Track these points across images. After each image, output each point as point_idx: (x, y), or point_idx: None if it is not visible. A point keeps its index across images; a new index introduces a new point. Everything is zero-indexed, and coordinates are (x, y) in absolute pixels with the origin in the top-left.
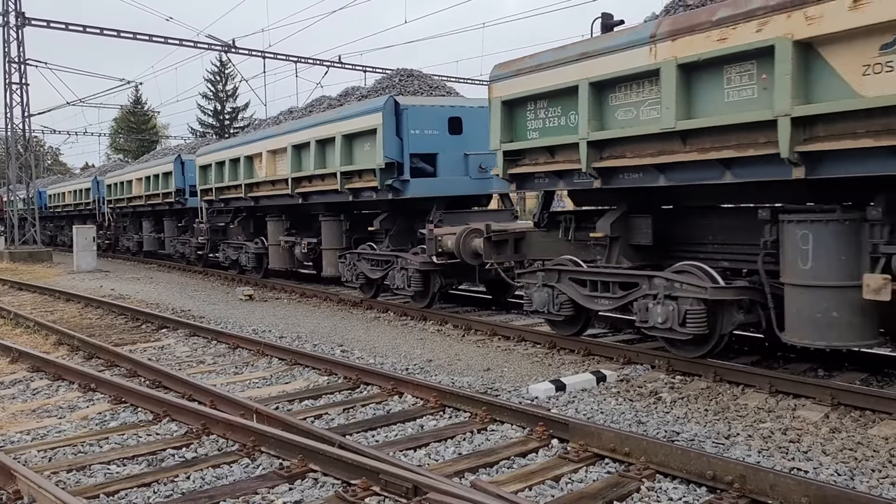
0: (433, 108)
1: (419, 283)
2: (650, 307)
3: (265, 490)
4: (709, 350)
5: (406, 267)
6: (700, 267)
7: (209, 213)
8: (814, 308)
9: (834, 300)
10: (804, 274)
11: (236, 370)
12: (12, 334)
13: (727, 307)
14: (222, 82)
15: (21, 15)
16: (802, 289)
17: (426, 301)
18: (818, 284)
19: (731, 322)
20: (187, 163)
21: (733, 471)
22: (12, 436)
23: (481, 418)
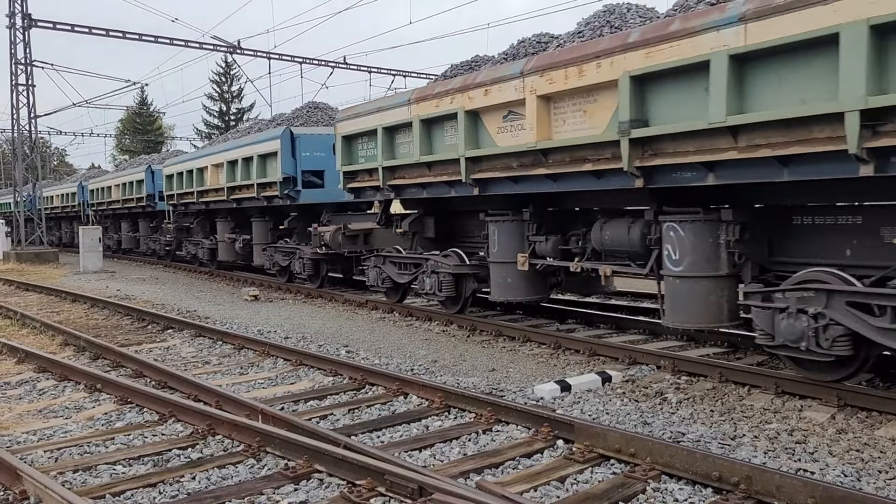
0: (320, 135)
1: (311, 269)
2: (425, 279)
3: (270, 490)
4: (460, 307)
5: (302, 257)
6: (457, 252)
7: (175, 215)
8: (501, 276)
9: (509, 270)
10: (495, 255)
11: (241, 371)
12: (19, 335)
13: (467, 278)
14: (228, 83)
15: (27, 16)
16: (494, 264)
17: (318, 283)
18: (502, 261)
19: (470, 288)
20: (157, 172)
21: (739, 472)
22: (18, 436)
23: (486, 419)
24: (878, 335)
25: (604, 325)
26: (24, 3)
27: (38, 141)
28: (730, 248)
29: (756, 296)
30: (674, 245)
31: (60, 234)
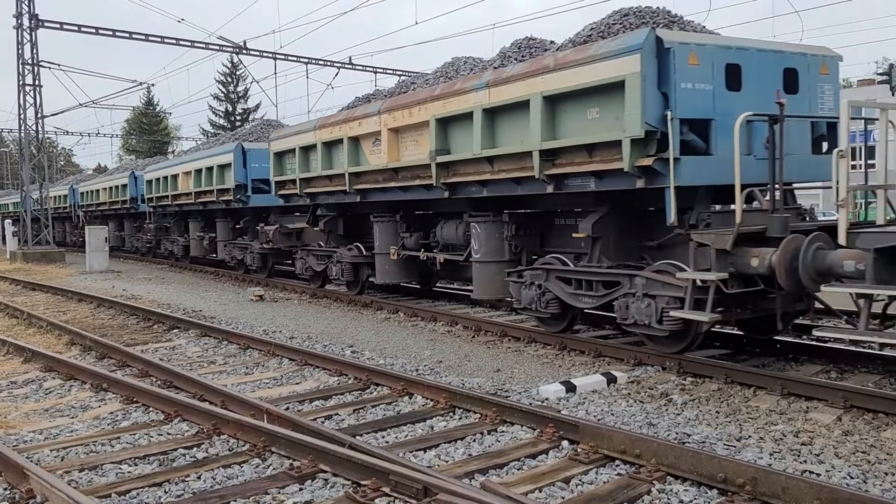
0: (266, 150)
1: (260, 262)
2: (333, 267)
3: (276, 490)
4: (360, 290)
5: (252, 251)
6: (358, 246)
7: (155, 216)
8: (381, 264)
9: (386, 259)
10: (377, 248)
11: (247, 370)
12: (25, 334)
13: (364, 266)
14: (233, 83)
15: (34, 17)
16: (377, 255)
17: (266, 273)
18: (382, 253)
19: (365, 274)
20: (139, 177)
21: (745, 473)
22: (25, 435)
23: (491, 419)
24: (570, 299)
25: (609, 326)
26: (31, 3)
27: (44, 141)
28: (509, 242)
29: (513, 274)
30: (476, 239)
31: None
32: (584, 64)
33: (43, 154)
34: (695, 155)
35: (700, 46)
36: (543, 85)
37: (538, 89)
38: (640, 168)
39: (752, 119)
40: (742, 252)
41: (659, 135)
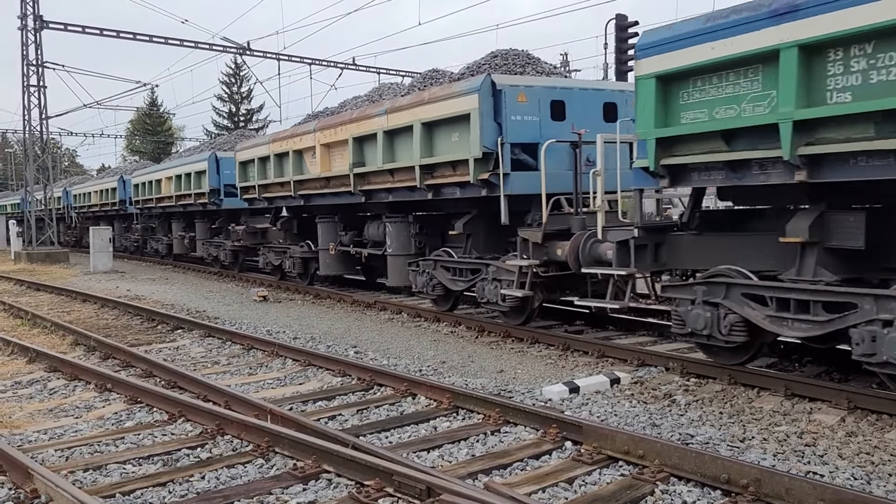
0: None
1: (232, 258)
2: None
3: (279, 490)
4: (309, 280)
5: (225, 249)
6: (308, 243)
7: (142, 217)
8: (323, 258)
9: (326, 255)
10: (320, 245)
11: (251, 371)
12: (30, 334)
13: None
14: (237, 84)
15: (39, 18)
16: (320, 251)
17: (237, 268)
18: (323, 248)
19: (313, 267)
20: (127, 181)
21: (748, 474)
22: (30, 435)
23: (494, 420)
24: (449, 283)
25: (612, 327)
26: (35, 4)
27: (49, 142)
28: (414, 238)
29: (412, 265)
30: (389, 236)
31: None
32: (447, 99)
33: (47, 155)
34: (527, 171)
35: (528, 87)
36: (422, 114)
37: (419, 117)
38: (481, 181)
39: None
40: (552, 244)
41: (495, 155)
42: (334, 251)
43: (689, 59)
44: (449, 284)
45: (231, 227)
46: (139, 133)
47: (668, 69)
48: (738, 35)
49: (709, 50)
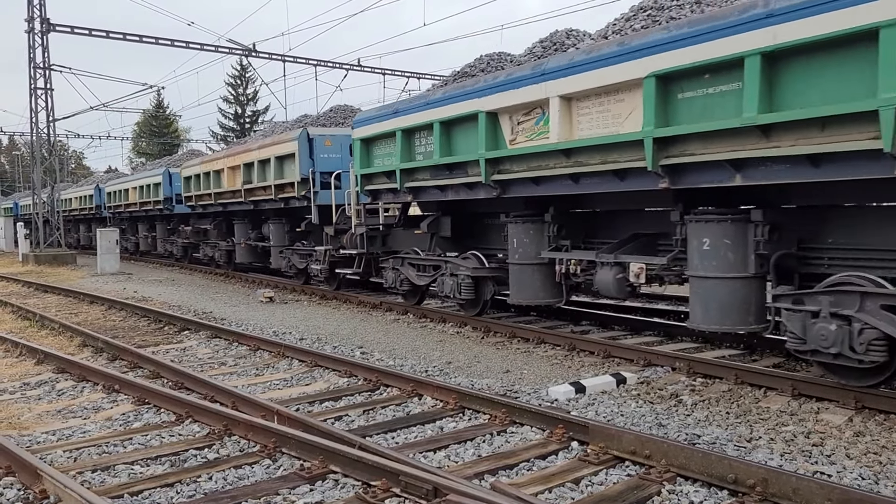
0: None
1: (181, 252)
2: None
3: (286, 491)
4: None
5: (177, 244)
6: (231, 239)
7: (116, 220)
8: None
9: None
10: (237, 240)
11: (257, 372)
12: (38, 336)
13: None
14: (243, 86)
15: (46, 21)
16: (237, 245)
17: (186, 260)
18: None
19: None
20: (102, 189)
21: (755, 474)
22: (38, 436)
23: (501, 420)
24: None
25: (618, 327)
26: (42, 7)
27: (56, 144)
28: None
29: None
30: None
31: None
32: (281, 144)
33: (55, 157)
34: (329, 189)
35: (333, 136)
36: (270, 152)
37: (273, 153)
38: (302, 196)
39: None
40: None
41: (311, 180)
42: (244, 245)
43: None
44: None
45: (181, 228)
46: (145, 135)
47: (366, 135)
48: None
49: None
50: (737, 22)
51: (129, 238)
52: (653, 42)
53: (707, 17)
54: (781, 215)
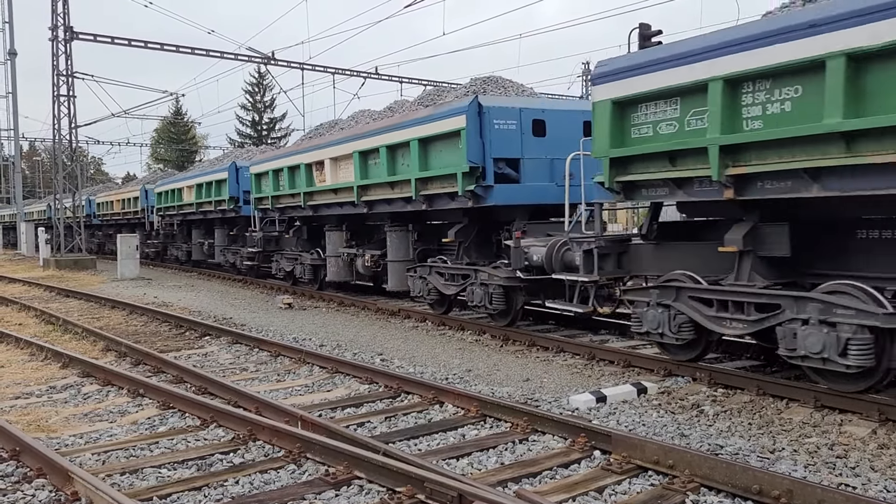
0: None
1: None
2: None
3: (312, 496)
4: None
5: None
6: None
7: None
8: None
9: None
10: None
11: (279, 377)
12: (61, 340)
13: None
14: (260, 93)
15: (69, 29)
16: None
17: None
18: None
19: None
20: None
21: (780, 485)
22: (66, 439)
23: (522, 428)
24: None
25: (637, 337)
26: (66, 16)
27: (77, 150)
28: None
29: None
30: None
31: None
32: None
33: (76, 163)
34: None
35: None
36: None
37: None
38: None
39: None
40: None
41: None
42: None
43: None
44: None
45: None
46: (164, 141)
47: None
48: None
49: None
50: None
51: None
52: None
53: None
54: None
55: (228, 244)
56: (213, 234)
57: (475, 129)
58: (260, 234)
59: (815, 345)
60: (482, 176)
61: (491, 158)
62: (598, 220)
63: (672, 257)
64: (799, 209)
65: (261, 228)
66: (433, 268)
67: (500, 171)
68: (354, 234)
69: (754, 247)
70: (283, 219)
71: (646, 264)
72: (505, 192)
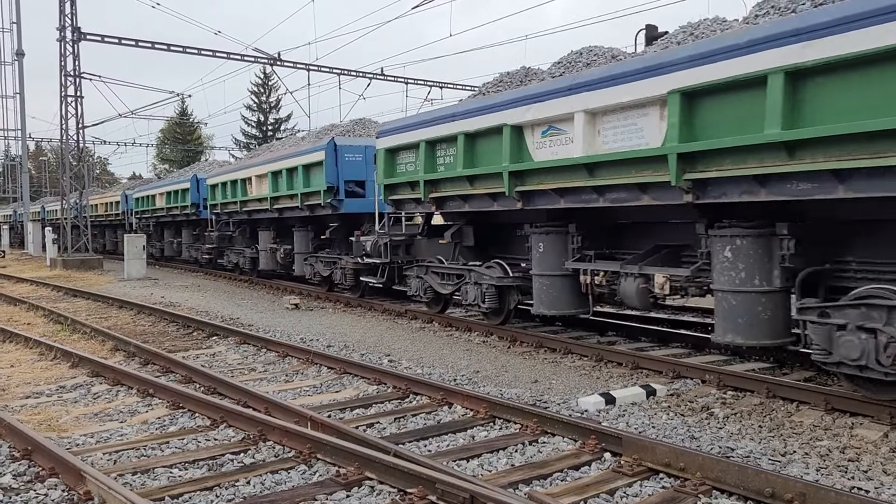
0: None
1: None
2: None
3: (323, 496)
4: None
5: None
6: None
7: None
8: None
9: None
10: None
11: (287, 378)
12: (70, 340)
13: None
14: (266, 94)
15: (77, 30)
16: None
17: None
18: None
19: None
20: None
21: (793, 488)
22: (77, 438)
23: (532, 430)
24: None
25: (645, 339)
26: (73, 17)
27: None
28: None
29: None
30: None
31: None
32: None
33: (83, 163)
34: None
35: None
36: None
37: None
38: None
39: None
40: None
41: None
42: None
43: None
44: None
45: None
46: (169, 142)
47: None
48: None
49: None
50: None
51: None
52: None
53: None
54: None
55: (192, 242)
56: (181, 234)
57: (332, 160)
58: (216, 233)
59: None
60: (336, 192)
61: (342, 181)
62: (387, 224)
63: (432, 247)
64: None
65: (217, 229)
66: (319, 258)
67: (349, 190)
68: (278, 233)
69: (460, 240)
70: (233, 221)
71: (423, 252)
72: (353, 203)
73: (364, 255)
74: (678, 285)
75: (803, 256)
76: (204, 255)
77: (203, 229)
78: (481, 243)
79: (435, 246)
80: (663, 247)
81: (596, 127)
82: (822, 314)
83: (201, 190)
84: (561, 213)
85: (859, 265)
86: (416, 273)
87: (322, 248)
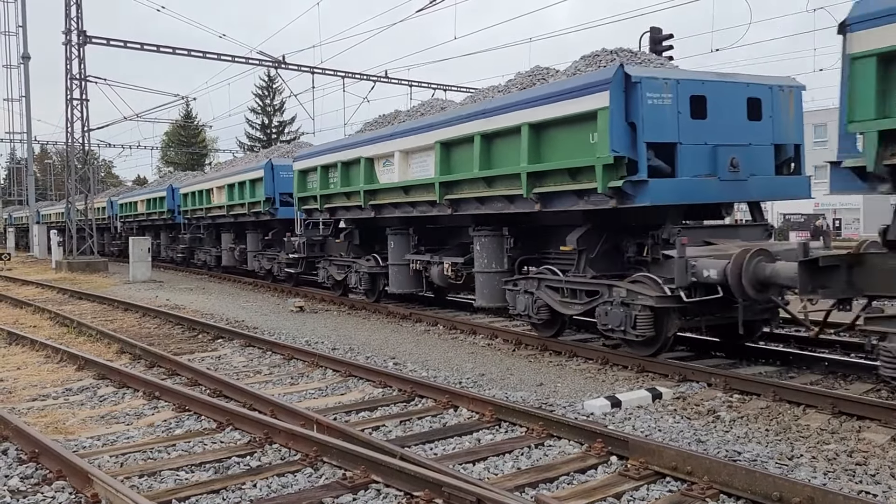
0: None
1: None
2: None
3: (330, 499)
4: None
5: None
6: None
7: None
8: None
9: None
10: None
11: (292, 381)
12: (76, 342)
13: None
14: (270, 97)
15: (83, 33)
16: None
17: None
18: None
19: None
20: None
21: (801, 492)
22: (84, 441)
23: (538, 433)
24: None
25: None
26: (79, 20)
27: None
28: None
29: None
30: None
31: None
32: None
33: (88, 166)
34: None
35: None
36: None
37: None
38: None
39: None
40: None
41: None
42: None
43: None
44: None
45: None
46: (174, 145)
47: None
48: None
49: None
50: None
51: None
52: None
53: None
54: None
55: (169, 243)
56: (160, 237)
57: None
58: (188, 235)
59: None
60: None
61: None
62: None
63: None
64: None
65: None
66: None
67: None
68: (237, 235)
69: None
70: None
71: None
72: (286, 211)
73: (293, 252)
74: (458, 270)
75: (520, 249)
76: (178, 255)
77: (178, 232)
78: (366, 242)
79: (338, 244)
80: (464, 244)
81: (409, 161)
82: (514, 284)
83: (176, 198)
84: (406, 220)
85: (547, 255)
86: (322, 265)
87: (268, 247)
